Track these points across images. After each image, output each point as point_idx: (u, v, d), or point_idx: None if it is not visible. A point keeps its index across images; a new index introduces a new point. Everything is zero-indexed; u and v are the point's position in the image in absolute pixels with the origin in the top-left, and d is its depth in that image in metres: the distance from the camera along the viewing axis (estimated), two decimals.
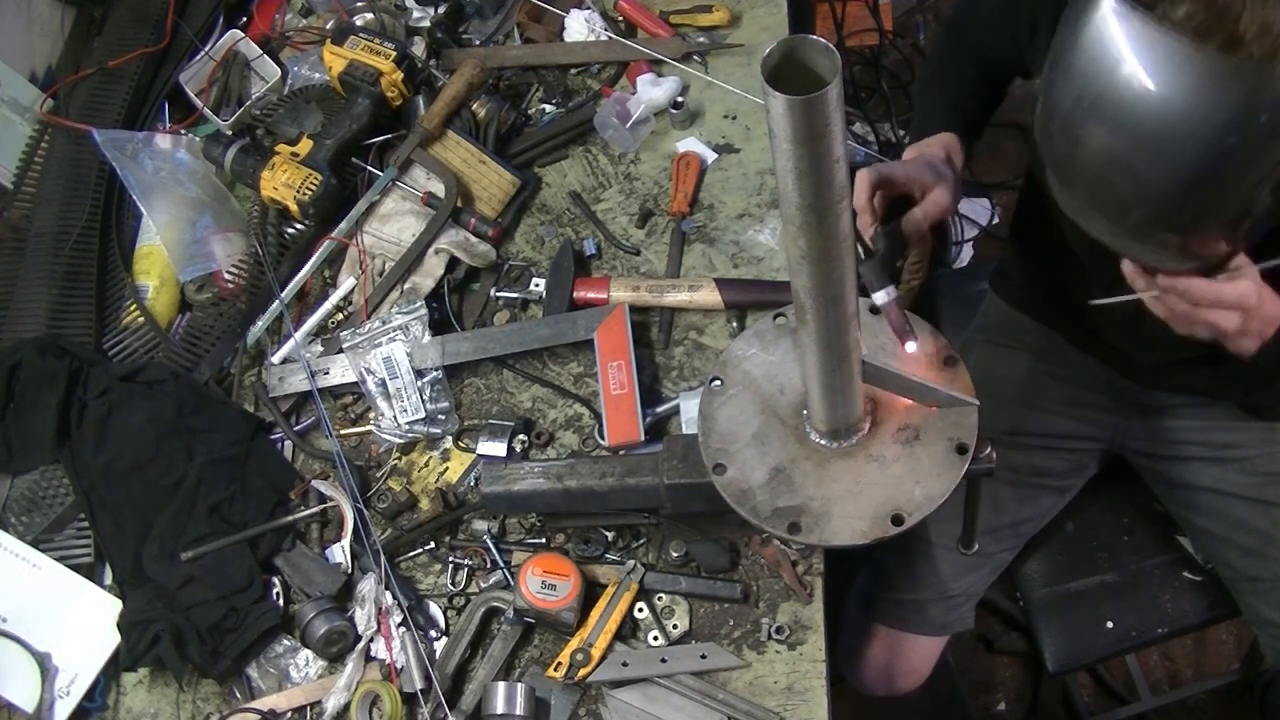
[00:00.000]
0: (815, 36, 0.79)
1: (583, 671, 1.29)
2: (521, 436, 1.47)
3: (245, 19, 1.93)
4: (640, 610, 1.33)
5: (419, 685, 1.31)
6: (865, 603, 1.70)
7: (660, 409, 1.46)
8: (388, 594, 1.38)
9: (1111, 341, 1.54)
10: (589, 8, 1.81)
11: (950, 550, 1.60)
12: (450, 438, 1.51)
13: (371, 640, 1.37)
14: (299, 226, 1.67)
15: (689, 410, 1.41)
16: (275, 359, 1.57)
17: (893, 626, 1.69)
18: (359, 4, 1.86)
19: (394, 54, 1.66)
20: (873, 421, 1.18)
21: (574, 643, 1.30)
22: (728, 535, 1.35)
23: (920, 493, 1.14)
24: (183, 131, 1.79)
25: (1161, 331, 1.15)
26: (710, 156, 1.66)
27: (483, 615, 1.36)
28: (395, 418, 1.49)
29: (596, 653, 1.29)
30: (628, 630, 1.33)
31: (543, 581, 1.30)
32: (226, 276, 1.63)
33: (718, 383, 1.24)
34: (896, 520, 1.12)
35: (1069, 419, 1.67)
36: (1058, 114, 1.02)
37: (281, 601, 1.41)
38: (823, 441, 1.18)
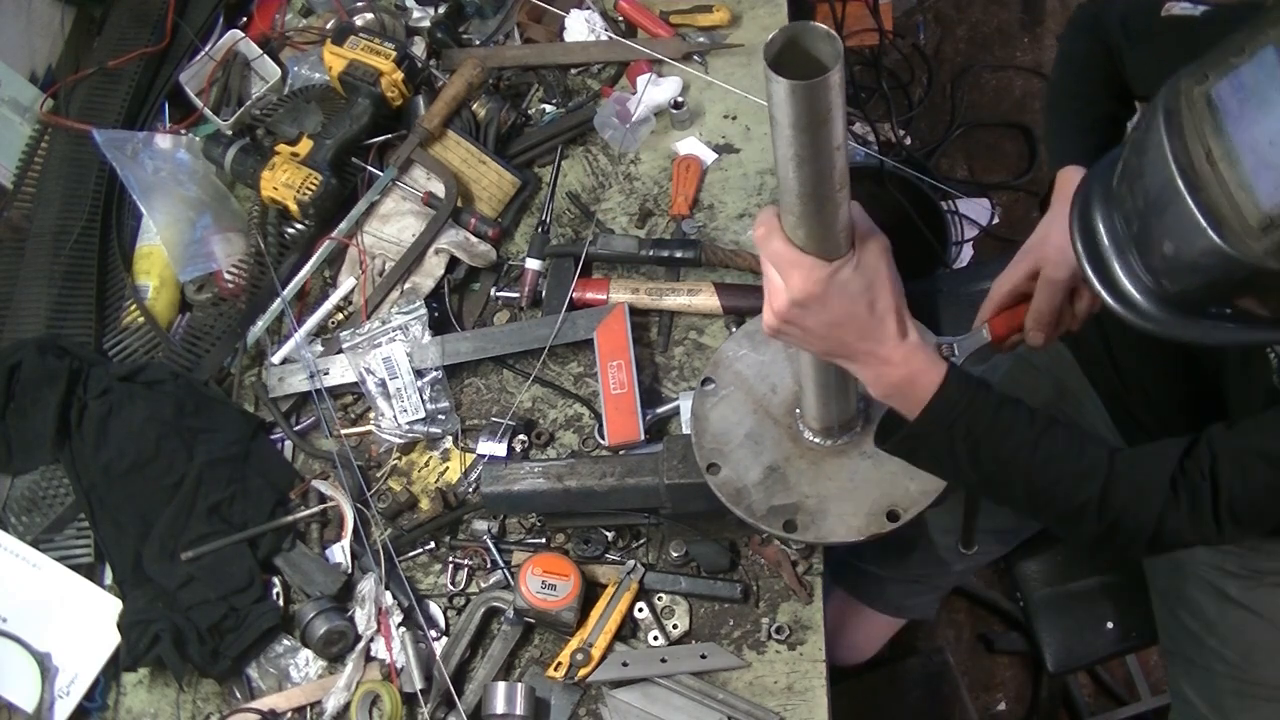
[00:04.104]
0: (817, 23, 0.79)
1: (583, 671, 1.29)
2: (521, 436, 1.47)
3: (245, 19, 1.92)
4: (640, 610, 1.33)
5: (419, 685, 1.31)
6: (832, 565, 1.67)
7: (660, 409, 1.46)
8: (388, 594, 1.38)
9: (1135, 411, 1.47)
10: (589, 8, 1.81)
11: (930, 539, 1.60)
12: (450, 438, 1.51)
13: (371, 640, 1.37)
14: (299, 226, 1.67)
15: (689, 410, 1.41)
16: (275, 359, 1.57)
17: (848, 593, 1.68)
18: (359, 4, 1.85)
19: (394, 54, 1.66)
20: (865, 419, 1.18)
21: (574, 643, 1.30)
22: (728, 535, 1.35)
23: (915, 488, 1.14)
24: (183, 131, 1.79)
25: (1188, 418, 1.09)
26: (710, 157, 1.66)
27: (483, 615, 1.36)
28: (395, 418, 1.49)
29: (596, 653, 1.29)
30: (628, 630, 1.33)
31: (543, 581, 1.30)
32: (226, 276, 1.63)
33: (710, 384, 1.24)
34: (892, 516, 1.13)
35: None
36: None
37: (281, 601, 1.41)
38: (816, 440, 1.18)
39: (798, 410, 1.19)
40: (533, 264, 1.59)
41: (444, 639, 1.37)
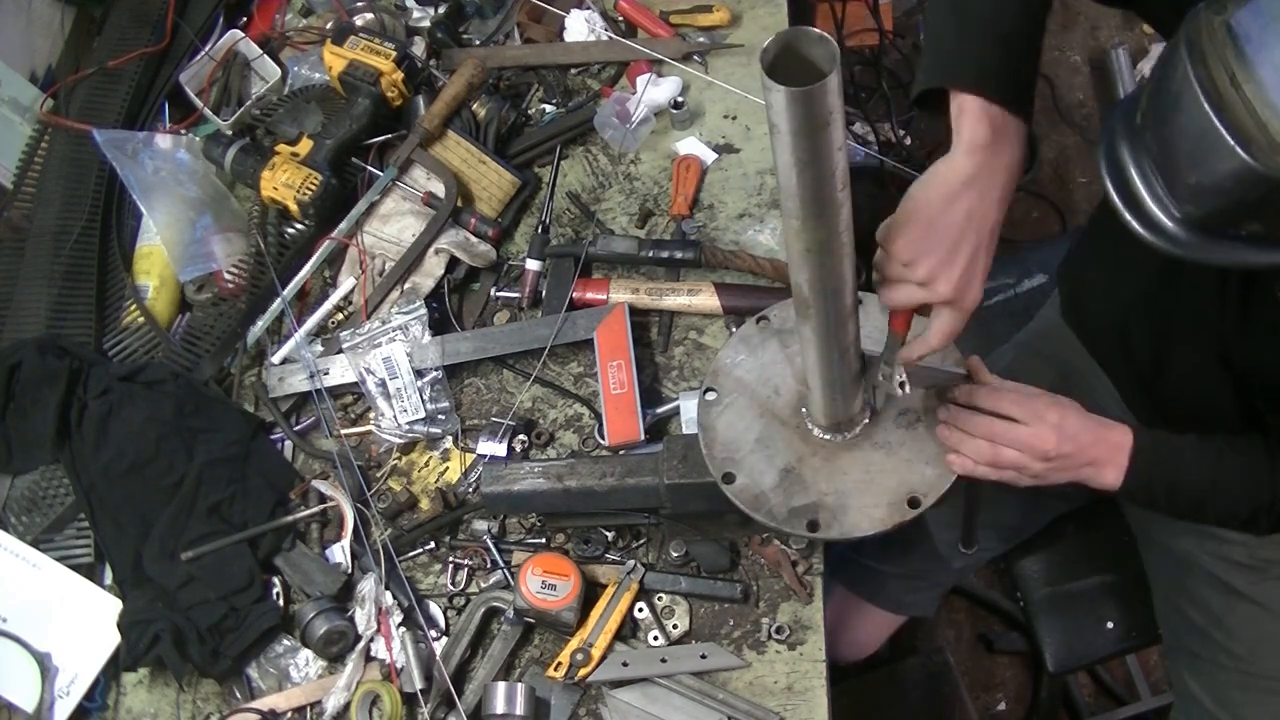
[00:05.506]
0: (810, 27, 0.79)
1: (583, 671, 1.29)
2: (521, 436, 1.47)
3: (245, 19, 1.92)
4: (640, 610, 1.33)
5: (419, 685, 1.31)
6: (832, 560, 1.66)
7: (660, 409, 1.46)
8: (388, 594, 1.38)
9: (1149, 384, 1.45)
10: (589, 8, 1.81)
11: (930, 534, 1.59)
12: (450, 438, 1.51)
13: (371, 640, 1.37)
14: (299, 226, 1.67)
15: (689, 410, 1.41)
16: (275, 359, 1.57)
17: (848, 588, 1.68)
18: (359, 4, 1.86)
19: (394, 54, 1.66)
20: (872, 410, 1.18)
21: (574, 643, 1.30)
22: (728, 535, 1.35)
23: (932, 472, 1.14)
24: (183, 131, 1.79)
25: (1202, 411, 1.14)
26: (710, 157, 1.66)
27: (483, 615, 1.36)
28: (395, 418, 1.49)
29: (596, 653, 1.29)
30: (628, 630, 1.33)
31: (543, 581, 1.30)
32: (226, 276, 1.63)
33: (712, 393, 1.24)
34: (913, 503, 1.12)
35: None
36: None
37: (281, 601, 1.41)
38: (826, 436, 1.18)
39: (804, 409, 1.19)
40: (533, 264, 1.59)
41: (444, 639, 1.37)
